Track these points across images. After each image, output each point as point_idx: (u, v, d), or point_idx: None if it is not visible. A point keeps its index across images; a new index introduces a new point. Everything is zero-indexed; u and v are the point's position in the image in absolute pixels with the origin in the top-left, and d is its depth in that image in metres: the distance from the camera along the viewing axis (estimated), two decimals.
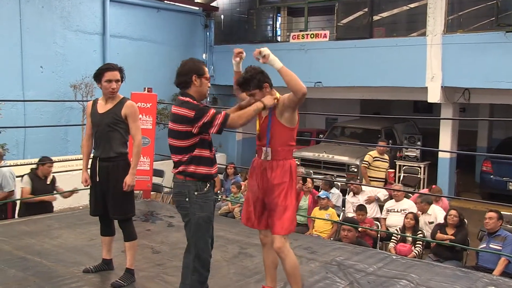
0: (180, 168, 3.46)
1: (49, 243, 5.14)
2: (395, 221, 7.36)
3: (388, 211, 7.55)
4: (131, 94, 6.81)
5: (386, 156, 9.46)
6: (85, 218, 5.83)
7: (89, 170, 4.18)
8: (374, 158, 9.30)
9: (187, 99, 3.46)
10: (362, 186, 8.19)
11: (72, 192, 7.05)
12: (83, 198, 8.80)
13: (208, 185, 3.49)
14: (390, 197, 7.95)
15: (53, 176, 7.03)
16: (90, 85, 10.47)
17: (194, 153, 3.43)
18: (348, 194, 8.34)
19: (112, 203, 4.07)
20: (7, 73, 10.09)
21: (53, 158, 8.97)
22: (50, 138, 10.76)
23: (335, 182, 8.91)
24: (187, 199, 3.45)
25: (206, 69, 3.58)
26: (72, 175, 8.03)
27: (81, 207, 8.44)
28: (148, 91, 7.23)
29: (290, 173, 3.57)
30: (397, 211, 7.42)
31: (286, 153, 3.58)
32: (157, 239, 5.41)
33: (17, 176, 6.97)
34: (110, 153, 4.03)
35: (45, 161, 6.88)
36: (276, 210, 3.53)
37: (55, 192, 6.96)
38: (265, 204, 3.65)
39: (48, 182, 6.88)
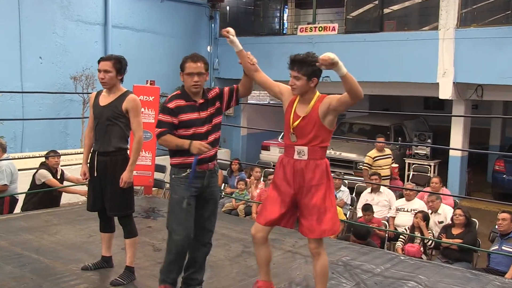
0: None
1: (47, 239, 5.16)
2: (404, 220, 7.33)
3: (398, 210, 7.53)
4: (133, 86, 6.81)
5: (387, 151, 9.44)
6: (84, 214, 5.80)
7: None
8: (374, 158, 9.27)
9: (175, 93, 3.81)
10: (381, 187, 8.02)
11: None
12: None
13: (188, 171, 3.64)
14: (400, 196, 7.93)
15: (62, 169, 7.16)
16: (91, 77, 10.47)
17: None
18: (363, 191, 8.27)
19: (109, 199, 4.06)
20: (5, 64, 10.09)
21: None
22: (49, 131, 10.77)
23: (343, 180, 8.88)
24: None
25: (189, 64, 3.66)
26: (71, 170, 8.04)
27: (80, 203, 8.45)
28: (150, 83, 7.23)
29: (327, 173, 3.53)
30: (407, 211, 7.40)
31: (323, 152, 3.54)
32: (158, 237, 5.41)
33: (20, 170, 7.00)
34: (109, 148, 4.03)
35: (55, 154, 7.04)
36: (316, 212, 3.47)
37: (70, 183, 7.15)
38: (296, 204, 3.57)
39: (58, 177, 7.00)
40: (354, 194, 8.75)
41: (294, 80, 3.45)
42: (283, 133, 16.17)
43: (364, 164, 9.48)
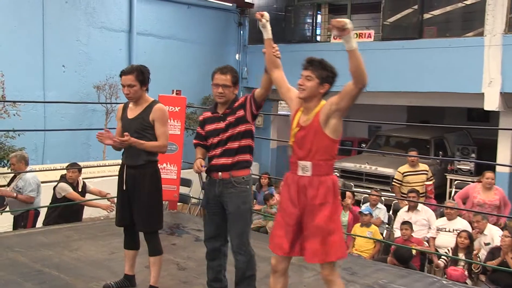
0: None
1: (68, 256, 5.21)
2: (445, 241, 7.19)
3: (439, 230, 7.39)
4: (159, 96, 6.86)
5: (422, 167, 9.23)
6: (107, 229, 5.90)
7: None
8: (403, 173, 9.10)
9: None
10: (418, 205, 7.90)
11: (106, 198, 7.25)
12: None
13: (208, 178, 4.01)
14: (441, 215, 7.79)
15: (84, 182, 7.27)
16: (115, 86, 10.62)
17: None
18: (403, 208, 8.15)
19: (138, 214, 4.10)
20: (27, 72, 10.31)
21: None
22: (71, 142, 10.95)
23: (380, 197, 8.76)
24: None
25: (216, 75, 3.93)
26: (94, 183, 8.13)
27: (102, 218, 8.54)
28: (176, 93, 7.29)
29: (333, 191, 3.41)
30: (449, 231, 7.26)
31: (328, 167, 3.42)
32: (183, 255, 5.41)
33: (41, 182, 7.12)
34: (138, 161, 4.08)
35: (73, 167, 7.15)
36: (319, 234, 3.34)
37: (93, 196, 7.27)
38: (301, 227, 3.45)
39: (80, 189, 7.10)
40: (391, 212, 8.64)
41: (305, 80, 3.38)
42: None
43: (394, 180, 9.34)
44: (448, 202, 8.59)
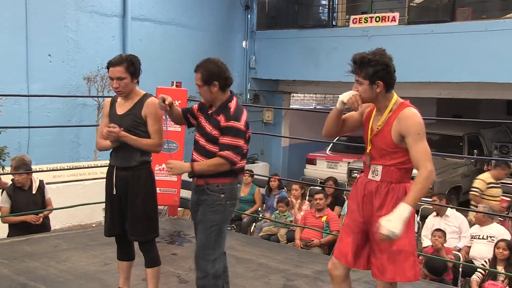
0: None
1: (56, 268, 5.24)
2: (480, 251, 7.17)
3: (472, 238, 7.37)
4: (157, 89, 6.89)
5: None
6: (99, 238, 5.91)
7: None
8: (488, 184, 8.82)
9: None
10: (447, 210, 7.88)
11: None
12: (96, 214, 8.98)
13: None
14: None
15: (40, 181, 6.77)
16: (107, 77, 10.57)
17: None
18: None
19: (130, 221, 4.11)
20: (9, 63, 10.30)
21: (62, 165, 9.17)
22: (58, 140, 10.99)
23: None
24: None
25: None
26: (84, 186, 8.17)
27: (94, 225, 8.58)
28: (176, 85, 7.30)
29: None
30: (483, 238, 7.23)
31: (402, 174, 3.36)
32: (184, 266, 5.42)
33: None
34: (131, 162, 4.08)
35: (18, 169, 6.54)
36: (387, 250, 3.30)
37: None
38: (367, 237, 3.42)
39: (34, 192, 6.62)
40: (419, 218, 8.61)
41: (357, 85, 3.33)
42: (331, 144, 15.82)
43: (474, 189, 8.91)
44: (479, 207, 8.51)
